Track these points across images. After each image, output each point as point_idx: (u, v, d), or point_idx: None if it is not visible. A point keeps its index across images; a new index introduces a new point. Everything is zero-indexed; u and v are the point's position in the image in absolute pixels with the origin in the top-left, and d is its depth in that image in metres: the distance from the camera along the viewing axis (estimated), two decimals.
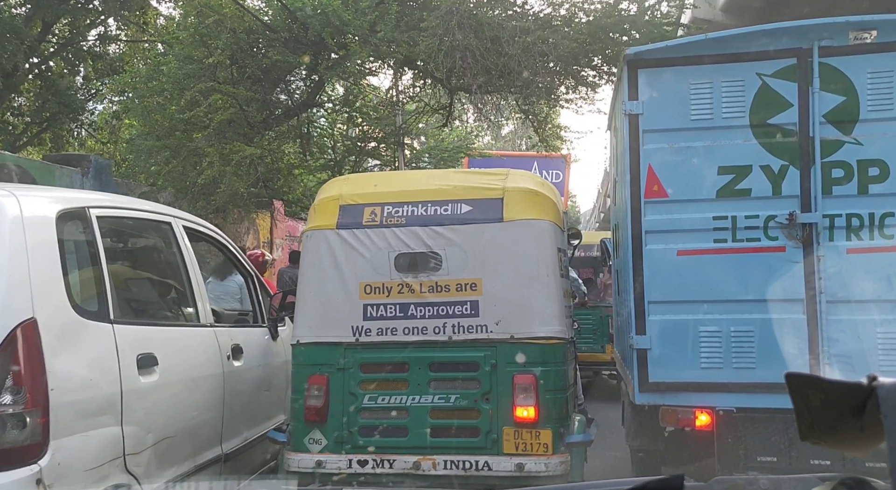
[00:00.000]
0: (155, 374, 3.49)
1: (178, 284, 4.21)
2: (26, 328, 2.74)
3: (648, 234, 4.59)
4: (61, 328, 2.93)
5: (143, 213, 4.08)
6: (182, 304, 4.28)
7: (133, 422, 3.26)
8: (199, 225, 4.63)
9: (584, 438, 4.20)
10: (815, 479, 1.33)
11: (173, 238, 4.14)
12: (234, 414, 4.34)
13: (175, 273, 4.20)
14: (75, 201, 3.37)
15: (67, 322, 2.98)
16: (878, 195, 4.33)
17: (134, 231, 4.33)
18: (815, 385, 1.02)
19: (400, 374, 4.09)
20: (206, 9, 10.42)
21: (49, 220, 3.04)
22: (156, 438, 3.45)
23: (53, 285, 2.95)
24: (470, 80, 10.94)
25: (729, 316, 4.46)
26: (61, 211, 3.14)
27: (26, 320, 2.75)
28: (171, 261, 4.24)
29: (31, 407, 2.68)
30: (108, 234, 3.57)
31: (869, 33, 4.33)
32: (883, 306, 4.30)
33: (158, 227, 4.16)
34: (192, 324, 4.19)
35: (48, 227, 3.01)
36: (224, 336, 4.36)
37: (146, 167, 11.37)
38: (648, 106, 4.60)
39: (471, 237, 4.11)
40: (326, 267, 4.21)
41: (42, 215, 3.03)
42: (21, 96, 16.01)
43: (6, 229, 2.82)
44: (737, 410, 4.39)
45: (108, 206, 3.63)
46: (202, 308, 4.21)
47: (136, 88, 11.29)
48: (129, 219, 4.00)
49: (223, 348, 4.28)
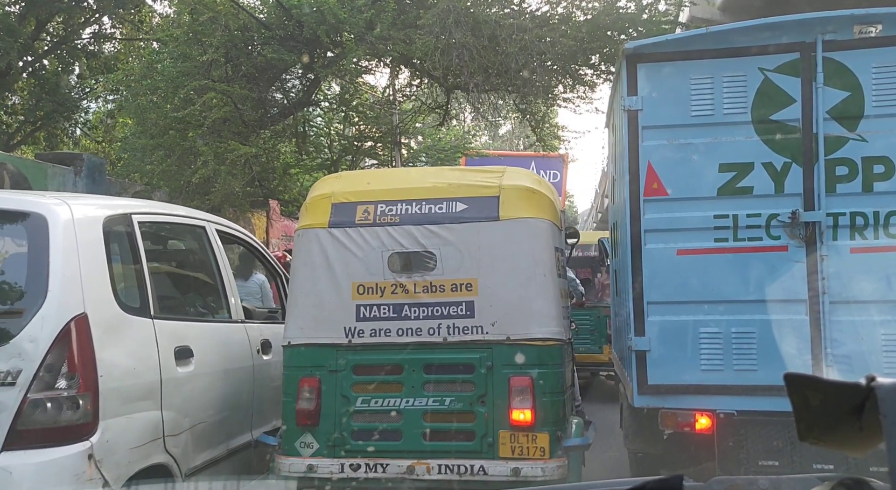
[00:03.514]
0: (191, 365, 3.85)
1: (212, 283, 4.56)
2: (79, 322, 3.09)
3: (648, 234, 4.51)
4: (108, 322, 3.28)
5: (180, 217, 4.44)
6: (215, 302, 4.62)
7: (171, 407, 3.63)
8: (231, 228, 5.00)
9: (582, 442, 4.12)
10: (814, 480, 1.33)
11: (207, 240, 4.49)
12: (263, 403, 4.62)
13: (208, 272, 4.56)
14: (119, 208, 3.76)
15: (113, 317, 3.34)
16: (883, 193, 4.25)
17: (171, 234, 4.70)
18: (814, 385, 1.03)
19: (394, 377, 4.01)
20: (200, 6, 10.33)
21: (97, 225, 3.40)
22: (191, 423, 3.81)
23: (101, 283, 3.31)
24: (467, 79, 10.86)
25: (730, 317, 4.38)
26: (107, 217, 3.52)
27: (78, 315, 3.10)
28: (204, 261, 4.58)
29: (83, 391, 3.06)
30: (148, 238, 3.90)
31: (874, 27, 4.25)
32: (887, 307, 4.23)
33: (193, 230, 4.53)
34: (224, 320, 4.51)
35: (96, 232, 3.38)
36: (254, 331, 4.68)
37: (141, 166, 11.30)
38: (648, 101, 4.51)
39: (466, 236, 4.02)
40: (318, 267, 4.12)
41: (90, 221, 3.39)
42: (15, 95, 15.93)
43: (60, 233, 3.16)
44: (738, 413, 4.31)
45: (148, 211, 4.04)
46: (234, 305, 4.57)
47: (131, 86, 11.20)
48: (166, 223, 4.38)
49: (253, 343, 4.60)
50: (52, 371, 2.99)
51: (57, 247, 3.13)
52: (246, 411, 4.46)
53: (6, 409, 2.91)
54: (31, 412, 2.94)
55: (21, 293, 3.16)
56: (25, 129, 16.22)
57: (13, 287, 3.22)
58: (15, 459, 2.90)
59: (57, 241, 3.13)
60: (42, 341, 2.98)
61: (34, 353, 2.96)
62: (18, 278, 3.19)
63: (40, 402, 2.96)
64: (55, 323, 3.03)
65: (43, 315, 3.02)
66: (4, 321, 3.07)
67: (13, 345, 2.97)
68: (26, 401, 2.93)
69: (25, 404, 2.93)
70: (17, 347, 2.96)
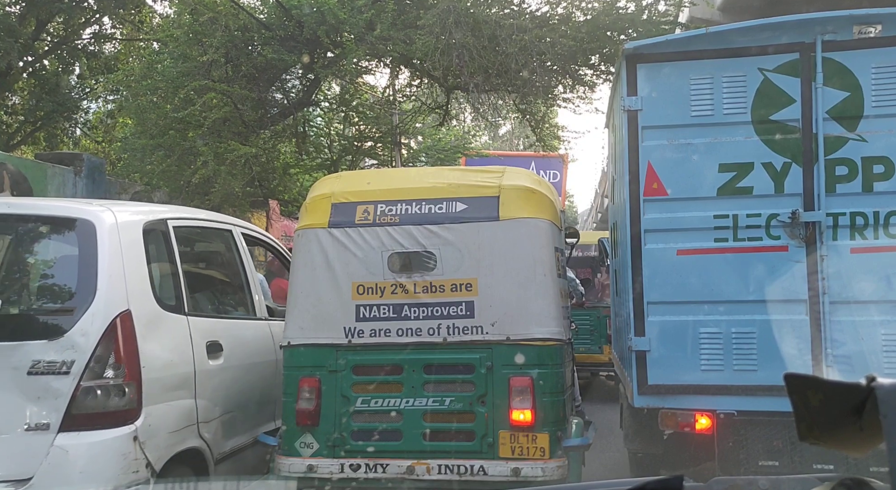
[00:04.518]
0: (220, 358, 4.18)
1: (238, 282, 4.91)
2: (124, 318, 3.42)
3: (648, 234, 4.51)
4: (148, 318, 3.61)
5: (209, 222, 4.84)
6: (241, 300, 4.94)
7: (204, 396, 3.95)
8: (255, 231, 5.33)
9: (582, 442, 4.11)
10: (814, 480, 1.34)
11: (233, 243, 4.85)
12: None
13: (235, 273, 4.92)
14: (156, 214, 4.10)
15: (153, 313, 3.67)
16: (883, 193, 4.24)
17: (202, 238, 5.03)
18: (814, 385, 1.03)
19: (393, 377, 4.00)
20: (200, 6, 10.32)
21: (138, 230, 3.74)
22: (222, 412, 4.14)
23: (142, 283, 3.64)
24: (467, 79, 10.85)
25: (730, 317, 4.38)
26: (146, 222, 3.86)
27: (123, 311, 3.43)
28: (231, 262, 4.92)
29: (128, 380, 3.40)
30: (181, 241, 4.19)
31: (874, 27, 4.25)
32: (887, 307, 4.22)
33: (221, 234, 4.88)
34: (249, 317, 4.82)
35: (137, 235, 3.71)
36: (277, 328, 4.80)
37: (141, 166, 11.27)
38: (648, 102, 4.51)
39: (466, 236, 4.02)
40: (318, 267, 4.12)
41: (132, 225, 3.72)
42: (15, 95, 15.92)
43: (106, 237, 3.49)
44: (738, 413, 4.31)
45: (181, 216, 4.37)
46: (258, 303, 4.88)
47: (131, 87, 11.18)
48: (198, 228, 4.74)
49: (276, 339, 4.75)
50: (101, 362, 3.32)
51: (104, 249, 3.46)
52: (269, 402, 4.68)
53: (62, 395, 3.25)
54: (84, 398, 3.28)
55: (73, 291, 3.49)
56: (25, 129, 16.20)
57: (66, 286, 3.59)
58: (70, 440, 3.24)
59: (104, 244, 3.46)
60: (92, 335, 3.32)
61: (85, 346, 3.29)
62: (70, 278, 3.54)
63: (91, 390, 3.30)
64: (103, 318, 3.36)
65: (93, 311, 3.35)
66: (59, 317, 3.40)
67: (67, 338, 3.30)
68: (79, 388, 3.27)
69: (78, 391, 3.27)
70: (70, 340, 3.30)
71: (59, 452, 3.21)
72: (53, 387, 3.26)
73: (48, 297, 3.73)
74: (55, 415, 3.24)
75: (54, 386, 3.26)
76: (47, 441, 3.22)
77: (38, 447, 3.21)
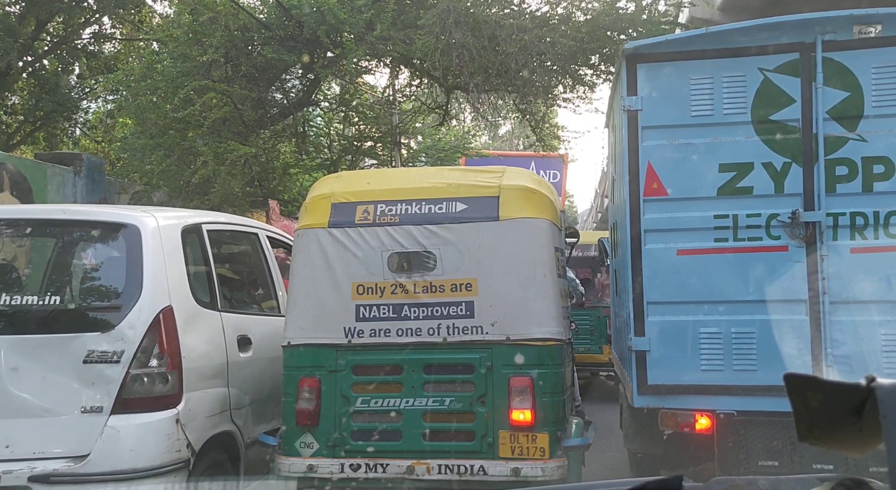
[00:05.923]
0: (250, 351, 4.54)
1: (264, 282, 5.32)
2: (166, 313, 3.78)
3: (648, 234, 4.51)
4: (187, 313, 3.96)
5: (238, 226, 5.25)
6: (267, 297, 5.33)
7: (235, 385, 4.32)
8: (278, 234, 5.73)
9: (582, 442, 4.11)
10: (813, 480, 1.33)
11: (259, 245, 5.25)
12: None
13: (261, 272, 5.33)
14: (192, 218, 4.48)
15: (190, 309, 4.01)
16: (883, 193, 4.24)
17: (232, 240, 5.46)
18: (814, 386, 1.03)
19: (393, 377, 4.01)
20: (200, 6, 10.30)
21: (176, 233, 4.10)
22: (251, 400, 4.50)
23: (181, 281, 4.00)
24: (467, 79, 10.84)
25: (730, 317, 4.37)
26: (184, 226, 4.22)
27: (166, 307, 3.79)
28: (258, 263, 5.33)
29: (171, 369, 3.77)
30: (214, 244, 4.56)
31: (874, 27, 4.25)
32: (887, 307, 4.22)
33: (248, 236, 5.28)
34: (275, 313, 5.11)
35: (176, 238, 4.07)
36: None
37: (140, 166, 11.25)
38: (648, 102, 4.51)
39: (466, 236, 4.02)
40: (318, 266, 4.12)
41: (172, 229, 4.09)
42: (15, 95, 15.90)
43: (150, 240, 3.85)
44: (738, 413, 4.31)
45: (214, 221, 4.76)
46: (282, 299, 5.16)
47: (130, 87, 11.16)
48: (228, 231, 5.11)
49: None
50: (147, 352, 3.69)
51: (148, 251, 3.82)
52: None
53: (113, 381, 3.62)
54: (132, 384, 3.65)
55: (121, 289, 3.84)
56: (25, 129, 16.18)
57: (115, 283, 3.92)
58: (121, 421, 3.62)
59: (148, 246, 3.83)
60: (139, 328, 3.68)
61: (133, 338, 3.66)
62: (119, 276, 3.88)
63: (139, 377, 3.67)
64: (149, 313, 3.73)
65: (139, 307, 3.72)
66: (110, 312, 3.76)
67: (118, 330, 3.67)
68: (128, 375, 3.63)
69: (127, 378, 3.63)
70: (120, 333, 3.67)
71: (111, 432, 3.59)
72: (106, 374, 3.62)
73: (99, 293, 4.04)
74: (108, 399, 3.61)
75: (107, 373, 3.62)
76: (101, 422, 3.59)
77: (93, 427, 3.58)
